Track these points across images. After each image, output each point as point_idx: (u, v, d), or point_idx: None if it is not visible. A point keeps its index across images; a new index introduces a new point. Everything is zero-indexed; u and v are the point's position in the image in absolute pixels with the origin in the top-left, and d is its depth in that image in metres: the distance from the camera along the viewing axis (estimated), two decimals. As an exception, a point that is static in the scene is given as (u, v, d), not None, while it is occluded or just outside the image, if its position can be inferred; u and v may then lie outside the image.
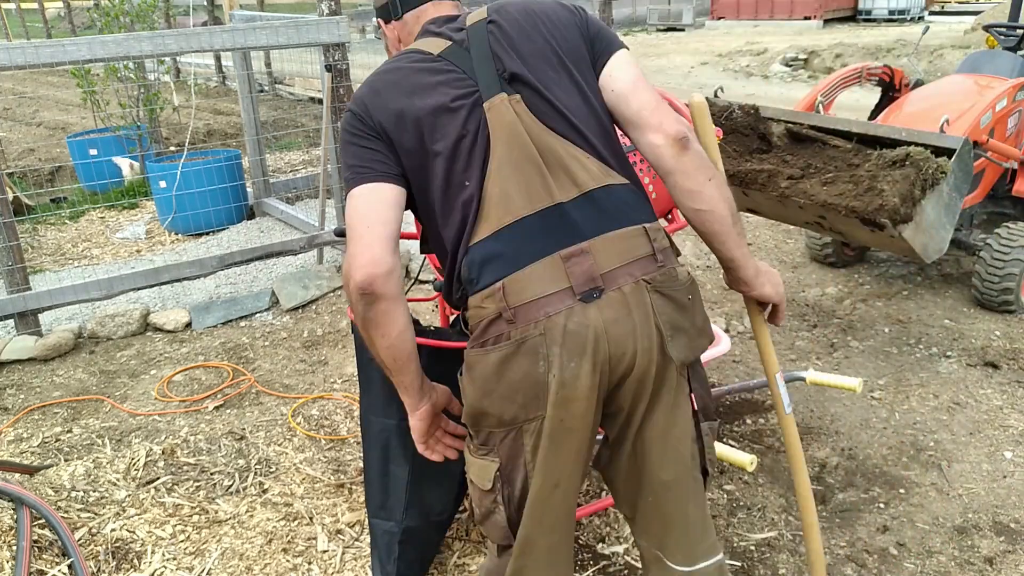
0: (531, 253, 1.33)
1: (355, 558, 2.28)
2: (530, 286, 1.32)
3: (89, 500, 2.49)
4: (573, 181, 1.36)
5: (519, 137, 1.36)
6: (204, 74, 13.70)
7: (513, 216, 1.34)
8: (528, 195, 1.35)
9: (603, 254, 1.34)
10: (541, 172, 1.35)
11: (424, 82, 1.40)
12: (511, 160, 1.36)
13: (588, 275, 1.32)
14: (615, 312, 1.32)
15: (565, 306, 1.31)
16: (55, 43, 3.62)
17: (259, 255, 4.40)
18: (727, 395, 3.03)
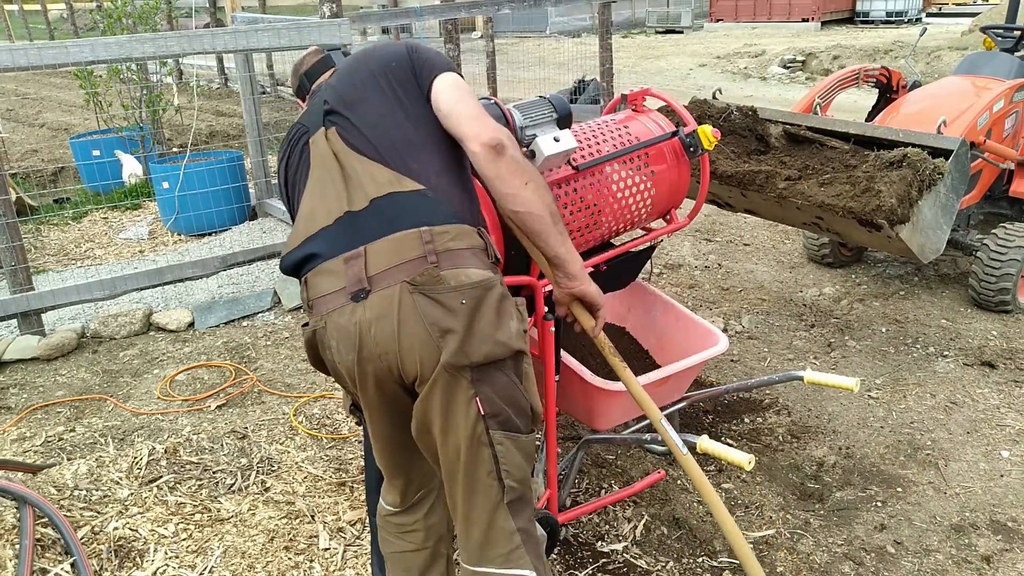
0: (327, 256, 1.51)
1: (356, 556, 2.30)
2: (320, 284, 1.51)
3: (92, 499, 2.50)
4: (364, 192, 1.51)
5: (326, 161, 1.57)
6: (206, 76, 13.72)
7: (316, 228, 1.54)
8: (327, 209, 1.54)
9: (374, 257, 1.46)
10: (337, 188, 1.54)
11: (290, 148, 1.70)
12: (319, 180, 1.58)
13: (357, 277, 1.46)
14: (377, 312, 1.44)
15: (339, 304, 1.48)
16: (58, 44, 3.64)
17: (261, 255, 4.42)
18: (725, 394, 3.05)
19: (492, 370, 1.47)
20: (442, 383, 1.45)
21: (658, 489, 2.61)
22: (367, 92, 1.60)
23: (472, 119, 1.55)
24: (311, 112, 1.67)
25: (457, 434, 1.48)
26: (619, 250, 2.46)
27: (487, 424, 1.47)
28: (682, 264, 4.56)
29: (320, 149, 1.59)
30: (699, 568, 2.29)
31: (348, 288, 1.46)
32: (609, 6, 6.67)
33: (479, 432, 1.47)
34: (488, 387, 1.47)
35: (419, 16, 6.32)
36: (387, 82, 1.61)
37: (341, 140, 1.57)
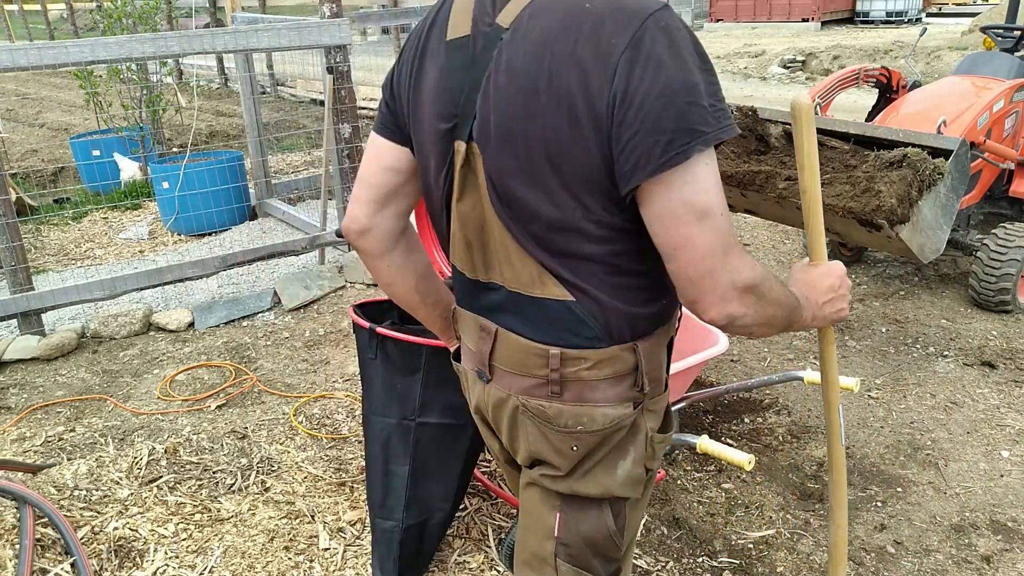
0: (465, 303, 1.29)
1: (356, 556, 2.30)
2: (462, 327, 1.32)
3: (92, 499, 2.50)
4: (500, 271, 1.18)
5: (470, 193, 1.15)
6: (206, 76, 13.72)
7: (455, 262, 1.26)
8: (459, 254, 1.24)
9: (500, 348, 1.22)
10: (469, 244, 1.20)
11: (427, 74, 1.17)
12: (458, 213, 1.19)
13: (481, 357, 1.25)
14: (495, 401, 1.26)
15: (470, 366, 1.32)
16: (58, 44, 3.64)
17: (261, 255, 4.42)
18: (725, 394, 3.05)
19: (585, 503, 1.24)
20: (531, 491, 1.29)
21: (658, 489, 2.61)
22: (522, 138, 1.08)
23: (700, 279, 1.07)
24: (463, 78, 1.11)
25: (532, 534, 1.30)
26: (619, 250, 2.46)
27: (557, 549, 1.27)
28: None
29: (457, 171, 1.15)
30: (699, 568, 2.29)
31: (475, 359, 1.28)
32: (609, 6, 6.67)
33: (548, 549, 1.28)
34: (573, 515, 1.25)
35: (420, 16, 6.32)
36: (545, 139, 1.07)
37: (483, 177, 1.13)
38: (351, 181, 4.60)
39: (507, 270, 1.16)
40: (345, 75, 4.40)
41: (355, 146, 4.56)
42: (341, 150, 4.53)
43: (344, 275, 4.45)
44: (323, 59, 4.39)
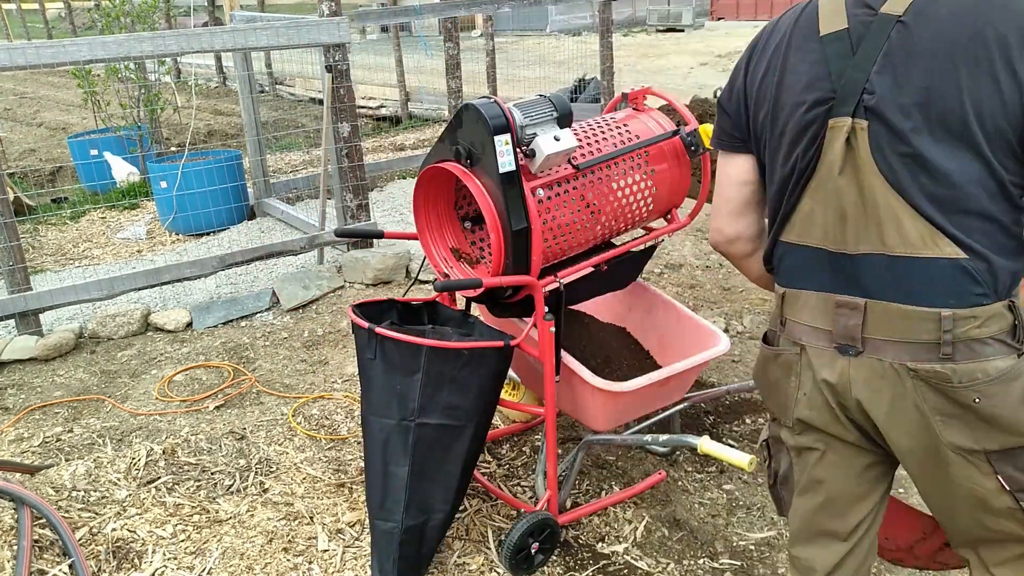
0: (812, 281, 1.36)
1: (355, 557, 2.29)
2: (800, 310, 1.38)
3: (90, 500, 2.49)
4: (880, 238, 1.26)
5: (848, 170, 1.27)
6: (205, 75, 13.71)
7: (808, 240, 1.35)
8: (825, 229, 1.32)
9: (875, 320, 1.28)
10: (844, 215, 1.29)
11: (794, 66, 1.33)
12: (825, 188, 1.30)
13: (850, 332, 1.31)
14: (865, 375, 1.31)
15: (820, 345, 1.35)
16: (56, 43, 3.62)
17: (260, 255, 4.41)
18: (726, 395, 3.04)
19: (1017, 452, 1.27)
20: (947, 459, 1.29)
21: (659, 490, 2.60)
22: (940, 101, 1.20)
23: None
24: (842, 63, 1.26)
25: (971, 506, 1.32)
26: (620, 250, 2.45)
27: (1015, 497, 1.29)
28: (683, 264, 4.55)
29: (837, 146, 1.27)
30: (700, 570, 2.28)
31: (834, 335, 1.32)
32: (610, 4, 6.66)
33: (1004, 503, 1.30)
34: (1010, 467, 1.28)
35: (419, 14, 6.31)
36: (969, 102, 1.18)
37: (870, 151, 1.24)
38: (350, 180, 4.58)
39: (892, 235, 1.24)
40: (344, 74, 4.38)
41: (354, 145, 4.54)
42: (340, 149, 4.51)
43: (343, 275, 4.44)
44: (322, 58, 4.37)
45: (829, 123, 1.27)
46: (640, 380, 2.22)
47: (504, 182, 1.99)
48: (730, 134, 1.48)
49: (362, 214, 4.67)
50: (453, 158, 2.11)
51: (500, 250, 2.05)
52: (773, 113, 1.36)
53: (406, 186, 6.35)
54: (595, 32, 7.64)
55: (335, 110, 4.42)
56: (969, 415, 1.26)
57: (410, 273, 4.46)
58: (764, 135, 1.40)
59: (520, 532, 2.14)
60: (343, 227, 3.34)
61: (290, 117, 10.06)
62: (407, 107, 9.90)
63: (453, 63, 6.56)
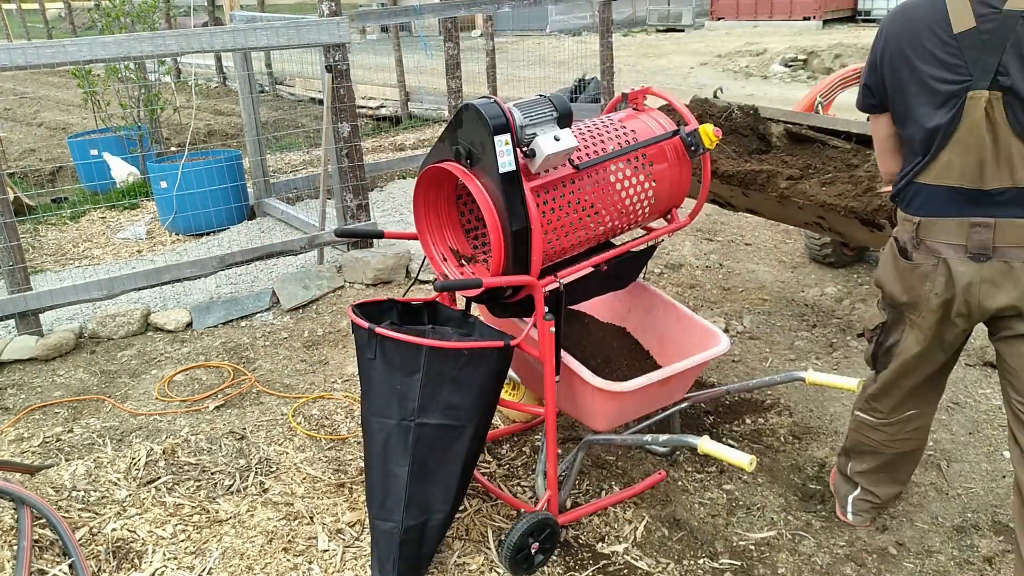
0: (949, 211, 1.88)
1: (355, 557, 2.28)
2: (938, 233, 1.90)
3: (90, 500, 2.49)
4: (1011, 175, 1.80)
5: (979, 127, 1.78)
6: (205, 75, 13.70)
7: (946, 181, 1.87)
8: (963, 172, 1.84)
9: (1004, 233, 1.83)
10: (984, 161, 1.80)
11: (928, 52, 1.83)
12: (966, 143, 1.81)
13: (982, 244, 1.85)
14: (994, 275, 1.86)
15: (958, 257, 1.89)
16: (56, 43, 3.62)
17: (260, 255, 4.41)
18: (726, 395, 3.04)
19: None
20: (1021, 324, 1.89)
21: (659, 490, 2.60)
22: None
23: None
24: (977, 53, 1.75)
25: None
26: (620, 250, 2.45)
27: None
28: (683, 264, 4.54)
29: (976, 115, 1.77)
30: (700, 570, 2.28)
31: (970, 248, 1.86)
32: (610, 4, 6.66)
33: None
34: None
35: (419, 14, 6.31)
36: None
37: (1008, 116, 1.75)
38: (350, 180, 4.58)
39: (1021, 174, 1.79)
40: (344, 74, 4.38)
41: (354, 145, 4.54)
42: (340, 149, 4.51)
43: (343, 275, 4.44)
44: (322, 58, 4.37)
45: (968, 95, 1.77)
46: (640, 380, 2.22)
47: (504, 182, 1.99)
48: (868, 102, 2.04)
49: (362, 214, 4.67)
50: (453, 158, 2.11)
51: (500, 250, 2.05)
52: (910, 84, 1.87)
53: (406, 186, 6.35)
54: (595, 32, 7.64)
55: (335, 110, 4.42)
56: None
57: (410, 273, 4.46)
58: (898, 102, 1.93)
59: (520, 532, 2.14)
60: (343, 227, 3.34)
61: (290, 117, 10.06)
62: (407, 107, 9.90)
63: (453, 63, 6.55)
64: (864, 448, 2.33)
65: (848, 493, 2.42)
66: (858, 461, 2.36)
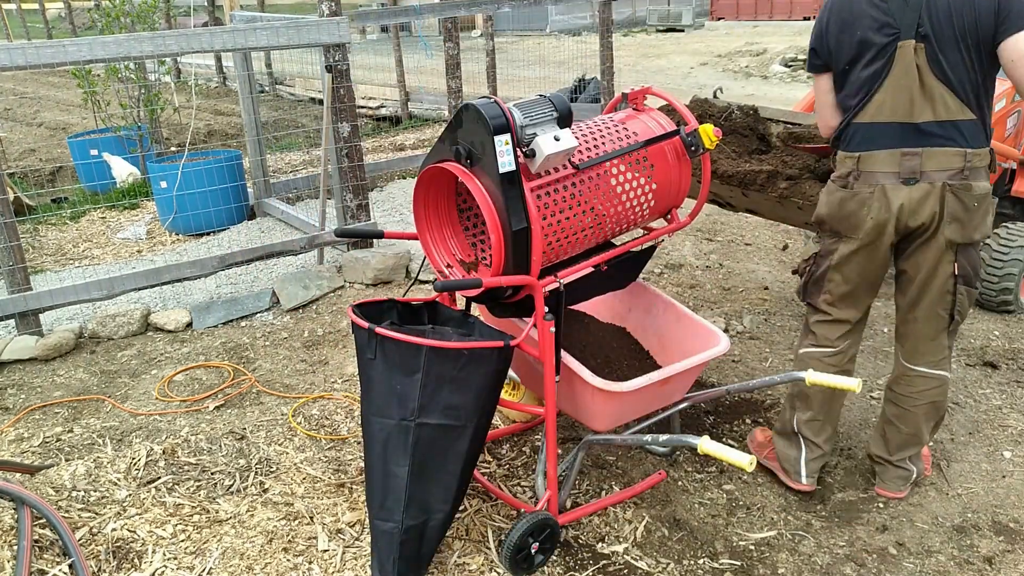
0: (883, 144, 2.20)
1: (355, 557, 2.28)
2: (875, 164, 2.23)
3: (90, 500, 2.49)
4: (933, 110, 2.15)
5: (910, 71, 2.14)
6: (205, 75, 13.71)
7: (880, 119, 2.20)
8: (894, 110, 2.18)
9: (929, 160, 2.17)
10: (912, 99, 2.15)
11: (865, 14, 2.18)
12: (895, 86, 2.16)
13: (911, 170, 2.19)
14: (919, 195, 2.20)
15: (892, 183, 2.21)
16: (56, 43, 3.62)
17: (260, 255, 4.41)
18: (726, 395, 3.04)
19: (969, 248, 2.26)
20: (936, 247, 2.24)
21: (659, 490, 2.60)
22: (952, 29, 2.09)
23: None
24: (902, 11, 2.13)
25: (934, 282, 2.29)
26: (620, 250, 2.45)
27: (955, 280, 2.27)
28: (683, 264, 4.55)
29: (906, 60, 2.13)
30: (700, 570, 2.28)
31: (901, 174, 2.19)
32: (610, 4, 6.66)
33: (948, 286, 2.28)
34: (964, 258, 2.26)
35: (419, 14, 6.31)
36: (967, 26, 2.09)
37: (928, 61, 2.12)
38: (350, 180, 4.58)
39: (941, 109, 2.15)
40: (344, 74, 4.38)
41: (354, 145, 4.54)
42: (340, 149, 4.51)
43: (343, 275, 4.44)
44: (322, 58, 4.37)
45: (898, 44, 2.14)
46: (640, 380, 2.22)
47: (504, 182, 1.99)
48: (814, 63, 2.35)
49: (362, 214, 4.67)
50: (453, 158, 2.11)
51: (500, 250, 2.05)
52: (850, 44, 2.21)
53: (406, 186, 6.35)
54: (595, 32, 7.63)
55: (335, 110, 4.42)
56: (964, 216, 2.20)
57: (410, 273, 4.46)
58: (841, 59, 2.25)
59: (520, 532, 2.14)
60: (343, 227, 3.34)
61: (290, 117, 10.06)
62: (407, 107, 9.90)
63: (453, 63, 6.55)
64: (809, 390, 2.50)
65: (798, 457, 2.56)
66: (803, 409, 2.54)
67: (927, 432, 2.49)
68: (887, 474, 2.54)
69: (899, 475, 2.52)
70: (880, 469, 2.56)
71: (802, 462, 2.54)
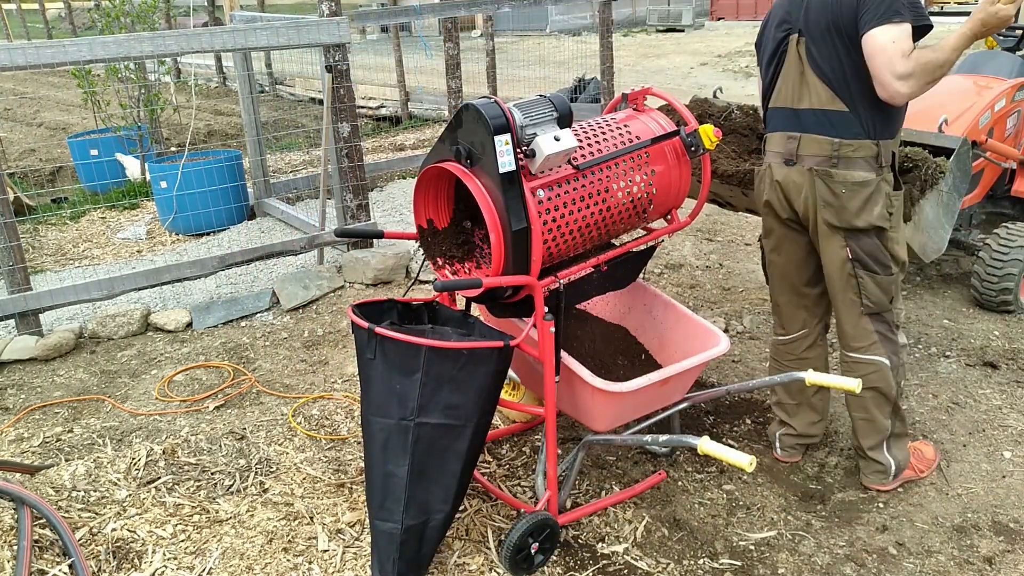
0: (777, 127, 2.43)
1: (355, 557, 2.28)
2: (772, 145, 2.46)
3: (90, 500, 2.49)
4: (809, 99, 2.32)
5: (794, 62, 2.35)
6: (205, 75, 13.71)
7: (778, 104, 2.43)
8: (785, 96, 2.40)
9: (804, 145, 2.35)
10: (795, 88, 2.36)
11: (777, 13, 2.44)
12: (787, 73, 2.38)
13: (790, 152, 2.38)
14: (796, 177, 2.39)
15: (777, 162, 2.44)
16: (56, 43, 3.62)
17: (260, 255, 4.41)
18: (726, 395, 3.03)
19: (860, 234, 2.34)
20: (823, 231, 2.39)
21: (659, 490, 2.60)
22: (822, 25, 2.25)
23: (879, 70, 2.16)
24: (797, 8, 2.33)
25: (833, 266, 2.42)
26: (620, 250, 2.45)
27: (853, 264, 2.37)
28: (683, 264, 4.54)
29: (792, 51, 2.34)
30: (700, 570, 2.27)
31: (784, 155, 2.40)
32: (610, 4, 6.66)
33: (847, 269, 2.39)
34: (855, 243, 2.36)
35: (419, 14, 6.30)
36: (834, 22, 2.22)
37: (806, 52, 2.30)
38: (350, 180, 4.58)
39: (815, 98, 2.31)
40: (344, 74, 4.38)
41: (354, 145, 4.54)
42: (340, 149, 4.51)
43: (343, 275, 4.44)
44: (322, 58, 4.37)
45: (790, 39, 2.36)
46: (640, 380, 2.22)
47: (504, 182, 1.99)
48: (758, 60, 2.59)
49: (362, 214, 4.67)
50: (453, 158, 2.11)
51: (500, 250, 2.05)
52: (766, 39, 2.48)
53: (406, 186, 6.35)
54: (595, 32, 7.63)
55: (335, 110, 4.42)
56: (834, 201, 2.33)
57: (410, 273, 4.46)
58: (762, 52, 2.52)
59: (520, 532, 2.14)
60: (343, 227, 3.34)
61: (290, 117, 10.06)
62: (407, 107, 9.90)
63: (453, 63, 6.55)
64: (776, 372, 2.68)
65: (776, 431, 2.77)
66: (772, 392, 2.77)
67: (883, 418, 2.52)
68: (865, 467, 2.60)
69: (875, 468, 2.57)
70: (861, 462, 2.62)
71: (777, 436, 2.76)
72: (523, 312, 2.29)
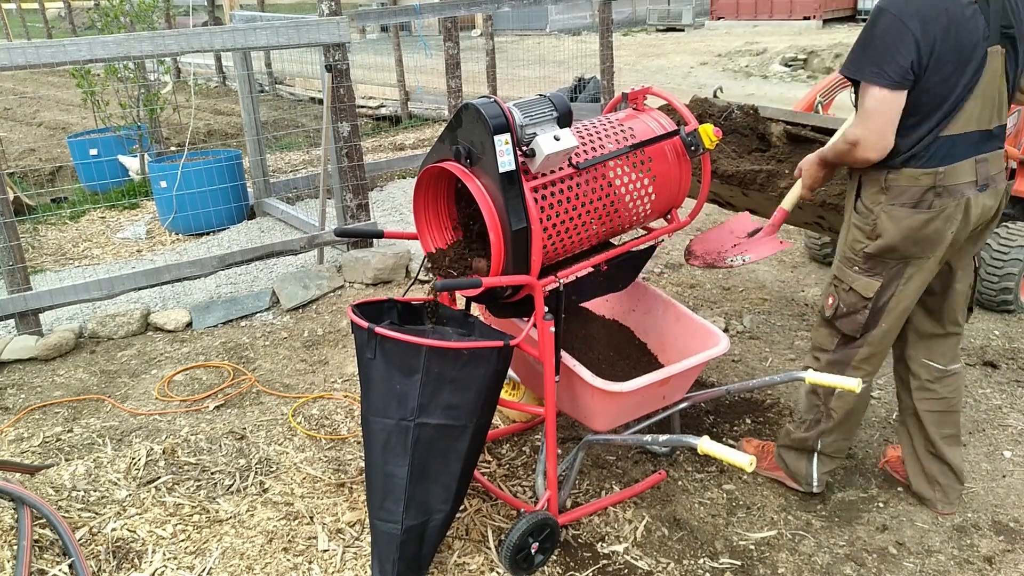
0: (962, 155, 2.11)
1: (355, 557, 2.28)
2: (957, 177, 2.11)
3: (90, 500, 2.49)
4: (998, 116, 2.14)
5: (995, 80, 2.08)
6: (204, 74, 13.70)
7: (966, 129, 2.09)
8: (980, 118, 2.10)
9: (992, 164, 2.16)
10: (991, 107, 2.11)
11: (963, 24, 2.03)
12: (985, 93, 2.08)
13: (985, 176, 2.15)
14: (989, 201, 2.18)
15: (973, 192, 2.14)
16: (55, 43, 3.62)
17: (259, 255, 4.41)
18: (727, 395, 3.04)
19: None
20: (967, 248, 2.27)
21: (659, 490, 2.60)
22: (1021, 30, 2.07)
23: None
24: (996, 15, 2.04)
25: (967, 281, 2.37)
26: (620, 250, 2.45)
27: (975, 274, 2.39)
28: (683, 264, 4.54)
29: (994, 66, 2.06)
30: (700, 569, 2.27)
31: (979, 182, 2.14)
32: (610, 4, 6.66)
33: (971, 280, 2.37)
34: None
35: (418, 14, 6.30)
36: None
37: (1003, 67, 2.08)
38: (350, 180, 4.58)
39: (1004, 112, 2.16)
40: (344, 73, 4.38)
41: (354, 145, 4.54)
42: (340, 149, 4.51)
43: (343, 275, 4.44)
44: (322, 57, 4.37)
45: (988, 50, 2.04)
46: (640, 380, 2.22)
47: (504, 182, 1.99)
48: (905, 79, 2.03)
49: (362, 214, 4.67)
50: (453, 158, 2.11)
51: (500, 250, 2.05)
52: (952, 50, 2.03)
53: (406, 186, 6.35)
54: (595, 32, 7.64)
55: (335, 110, 4.42)
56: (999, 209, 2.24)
57: (410, 273, 4.45)
58: (940, 67, 2.03)
59: (520, 532, 2.14)
60: (343, 227, 3.34)
61: (290, 117, 10.06)
62: (407, 107, 9.90)
63: (453, 63, 6.55)
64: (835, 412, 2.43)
65: (809, 471, 2.51)
66: (828, 433, 2.45)
67: None
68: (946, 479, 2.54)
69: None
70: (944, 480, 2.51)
71: (815, 473, 2.51)
72: (523, 312, 2.28)
